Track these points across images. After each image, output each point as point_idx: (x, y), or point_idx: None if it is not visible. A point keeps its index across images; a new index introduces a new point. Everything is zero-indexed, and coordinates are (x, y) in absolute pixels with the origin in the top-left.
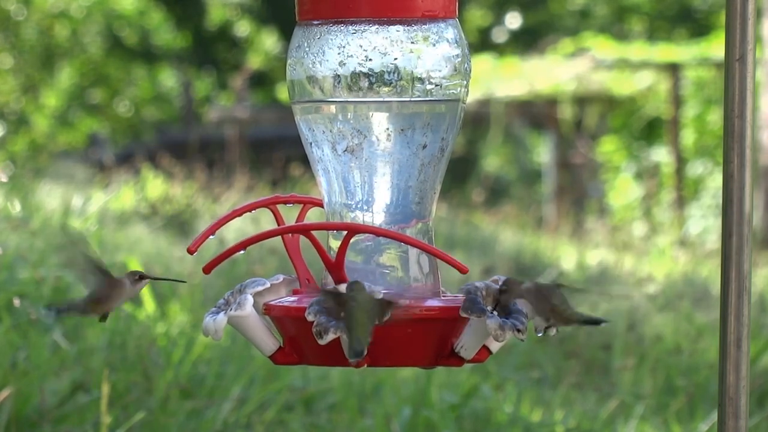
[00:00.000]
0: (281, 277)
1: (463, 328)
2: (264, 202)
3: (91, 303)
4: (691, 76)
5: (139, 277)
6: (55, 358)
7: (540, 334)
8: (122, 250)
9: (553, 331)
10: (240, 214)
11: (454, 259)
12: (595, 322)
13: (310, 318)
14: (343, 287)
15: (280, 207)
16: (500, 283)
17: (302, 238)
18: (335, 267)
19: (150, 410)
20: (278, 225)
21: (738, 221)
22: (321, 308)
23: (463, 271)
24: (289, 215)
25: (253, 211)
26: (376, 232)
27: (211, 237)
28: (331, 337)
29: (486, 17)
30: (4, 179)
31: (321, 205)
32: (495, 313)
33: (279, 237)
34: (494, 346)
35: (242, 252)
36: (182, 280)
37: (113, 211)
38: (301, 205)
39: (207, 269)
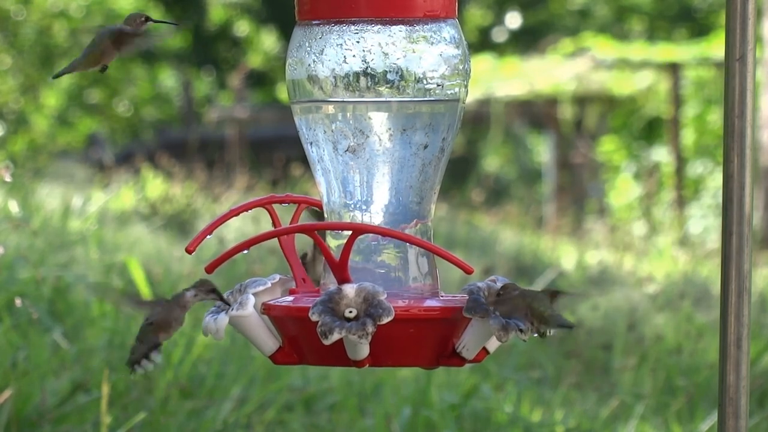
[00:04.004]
0: (278, 277)
1: (463, 328)
2: (260, 202)
3: None
4: (691, 76)
5: (145, 19)
6: (55, 358)
7: (524, 338)
8: (122, 250)
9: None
10: (237, 214)
11: (459, 259)
12: (567, 325)
13: (314, 318)
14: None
15: (276, 207)
16: (499, 286)
17: (298, 238)
18: (339, 267)
19: (150, 410)
20: (274, 225)
21: (738, 221)
22: (325, 308)
23: (468, 271)
24: (286, 215)
25: (250, 211)
26: (381, 232)
27: (209, 237)
28: (336, 337)
29: (486, 17)
30: (8, 178)
31: (317, 205)
32: (498, 313)
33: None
34: (492, 346)
35: (244, 252)
36: (175, 23)
37: (113, 211)
38: (297, 205)
39: (209, 269)
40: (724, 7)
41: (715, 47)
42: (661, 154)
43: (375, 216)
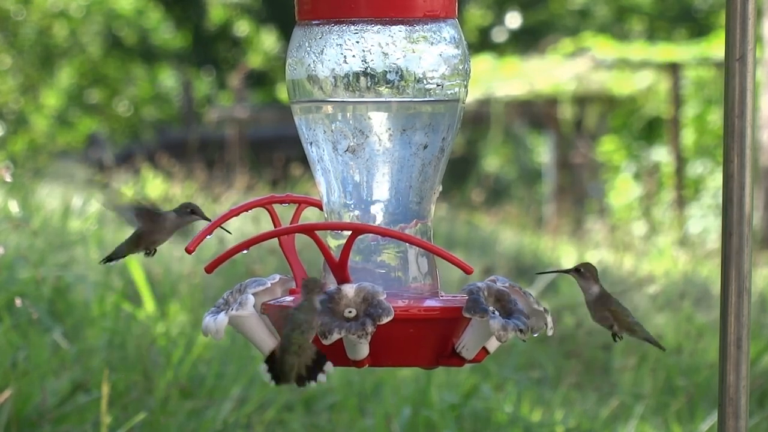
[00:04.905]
0: (278, 277)
1: (463, 328)
2: (260, 202)
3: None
4: (691, 76)
5: (191, 211)
6: (55, 358)
7: (524, 338)
8: None
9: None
10: (237, 214)
11: (459, 259)
12: (657, 344)
13: None
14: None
15: (276, 206)
16: (499, 286)
17: (298, 238)
18: (339, 267)
19: (150, 410)
20: (274, 225)
21: (738, 221)
22: (325, 308)
23: (468, 271)
24: (285, 215)
25: (250, 210)
26: (381, 232)
27: (209, 236)
28: (335, 337)
29: (486, 17)
30: (8, 179)
31: (316, 205)
32: (497, 313)
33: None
34: (492, 346)
35: (244, 252)
36: (228, 231)
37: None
38: (297, 205)
39: (209, 268)
40: (724, 7)
41: (715, 47)
42: (661, 154)
43: (375, 216)
